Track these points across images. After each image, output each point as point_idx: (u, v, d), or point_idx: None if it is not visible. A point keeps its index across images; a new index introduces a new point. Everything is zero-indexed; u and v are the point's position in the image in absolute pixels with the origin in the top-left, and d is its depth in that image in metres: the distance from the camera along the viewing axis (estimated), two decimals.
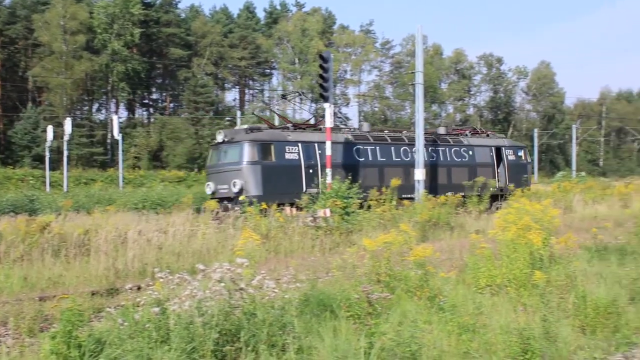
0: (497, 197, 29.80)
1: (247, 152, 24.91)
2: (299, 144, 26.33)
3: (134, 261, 13.85)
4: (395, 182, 23.97)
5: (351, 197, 20.03)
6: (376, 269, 9.71)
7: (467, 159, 32.87)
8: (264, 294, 7.26)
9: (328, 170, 24.00)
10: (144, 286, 9.21)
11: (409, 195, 26.85)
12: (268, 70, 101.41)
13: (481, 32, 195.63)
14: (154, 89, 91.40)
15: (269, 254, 15.27)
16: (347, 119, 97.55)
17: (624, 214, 24.19)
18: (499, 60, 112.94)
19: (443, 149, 32.10)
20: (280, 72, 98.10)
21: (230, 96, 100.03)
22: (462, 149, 32.99)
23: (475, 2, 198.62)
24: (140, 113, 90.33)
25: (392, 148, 29.83)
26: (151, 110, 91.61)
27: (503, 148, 35.00)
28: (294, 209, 19.54)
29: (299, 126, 28.54)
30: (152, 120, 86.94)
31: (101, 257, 14.00)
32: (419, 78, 27.83)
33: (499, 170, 34.15)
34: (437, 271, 10.07)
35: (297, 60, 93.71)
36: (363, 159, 28.23)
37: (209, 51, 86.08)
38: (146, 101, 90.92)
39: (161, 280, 7.44)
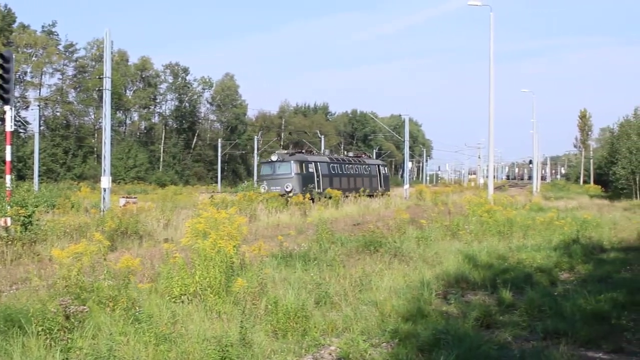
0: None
1: (294, 168, 43.42)
2: (313, 163, 45.94)
3: None
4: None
5: (37, 206, 18.87)
6: (66, 281, 9.30)
7: (368, 172, 56.34)
8: None
9: (8, 177, 22.60)
10: None
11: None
12: None
13: (169, 41, 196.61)
14: None
15: None
16: (27, 123, 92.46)
17: (304, 222, 25.51)
18: (185, 70, 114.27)
19: (359, 165, 54.85)
20: None
21: None
22: (367, 166, 56.76)
23: (164, 9, 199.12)
24: None
25: (345, 165, 51.69)
26: None
27: (379, 165, 60.25)
28: None
29: (309, 152, 53.74)
30: None
31: None
32: (108, 84, 27.17)
33: (378, 179, 57.90)
34: (131, 281, 9.88)
35: None
36: (333, 172, 48.88)
37: None
38: None
39: None
